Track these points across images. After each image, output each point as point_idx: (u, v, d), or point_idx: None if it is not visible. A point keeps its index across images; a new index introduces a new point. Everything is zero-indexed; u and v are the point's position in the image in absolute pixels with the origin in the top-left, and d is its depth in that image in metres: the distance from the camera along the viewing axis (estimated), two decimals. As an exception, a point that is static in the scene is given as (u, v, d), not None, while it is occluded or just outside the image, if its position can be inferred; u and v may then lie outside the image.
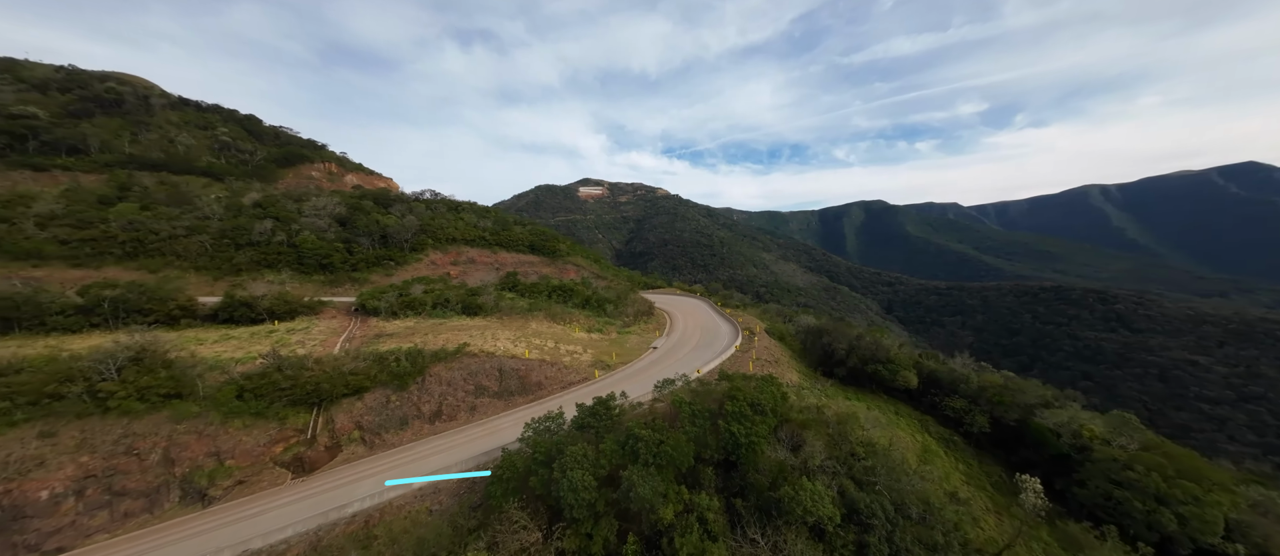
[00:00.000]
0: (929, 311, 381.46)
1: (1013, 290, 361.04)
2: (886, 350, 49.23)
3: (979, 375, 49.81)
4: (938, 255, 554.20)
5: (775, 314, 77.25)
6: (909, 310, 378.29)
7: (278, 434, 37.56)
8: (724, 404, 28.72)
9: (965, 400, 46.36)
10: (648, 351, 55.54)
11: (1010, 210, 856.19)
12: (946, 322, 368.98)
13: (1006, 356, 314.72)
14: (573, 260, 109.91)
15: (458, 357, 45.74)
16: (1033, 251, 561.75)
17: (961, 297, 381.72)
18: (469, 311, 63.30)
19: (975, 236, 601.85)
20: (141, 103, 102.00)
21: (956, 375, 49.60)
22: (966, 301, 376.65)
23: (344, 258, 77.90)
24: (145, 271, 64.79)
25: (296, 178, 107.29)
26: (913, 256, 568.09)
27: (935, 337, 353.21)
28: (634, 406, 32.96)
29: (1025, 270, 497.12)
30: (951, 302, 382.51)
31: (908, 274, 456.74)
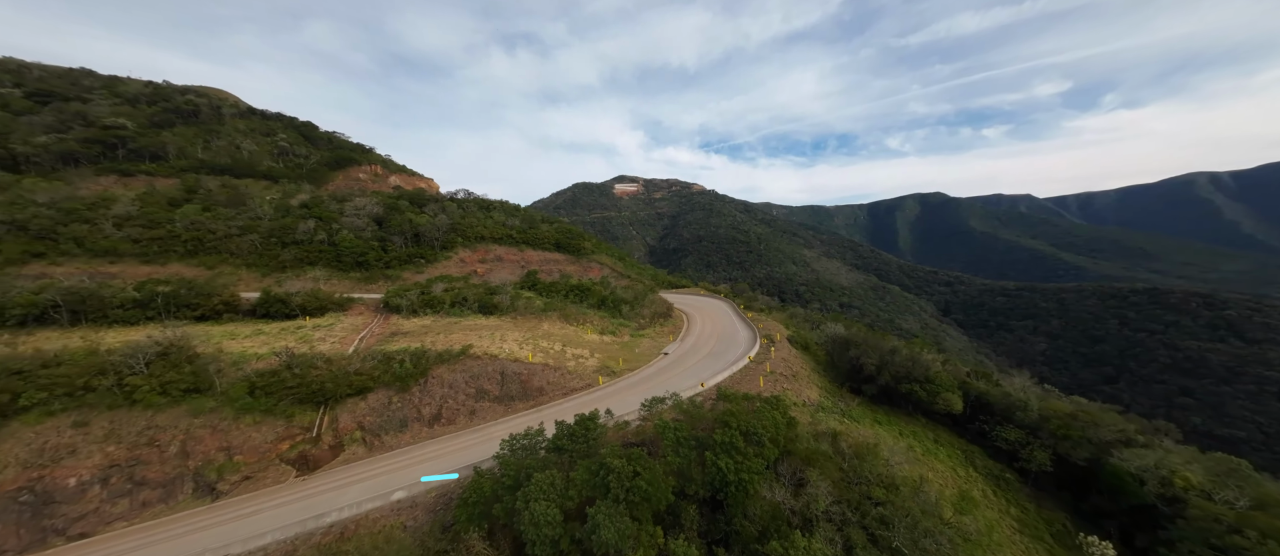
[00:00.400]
0: (994, 315, 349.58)
1: (1097, 292, 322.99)
2: (925, 367, 43.07)
3: (1041, 401, 42.40)
4: (1006, 252, 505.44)
5: (802, 319, 71.52)
6: (970, 313, 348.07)
7: (285, 431, 38.39)
8: (714, 431, 25.39)
9: (1022, 431, 39.37)
10: (658, 357, 52.59)
11: (1096, 202, 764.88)
12: (1015, 327, 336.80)
13: (1087, 366, 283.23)
14: (597, 258, 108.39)
15: (461, 360, 45.07)
16: (1122, 248, 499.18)
17: (1034, 300, 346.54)
18: (485, 310, 63.08)
19: (1052, 231, 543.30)
20: (214, 113, 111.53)
21: (1012, 400, 42.44)
22: (1039, 304, 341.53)
23: (378, 255, 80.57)
24: (204, 267, 69.87)
25: (345, 179, 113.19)
26: (976, 254, 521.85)
27: (1001, 344, 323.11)
28: (621, 425, 30.27)
29: (1113, 270, 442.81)
30: (1021, 305, 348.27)
31: (969, 273, 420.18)
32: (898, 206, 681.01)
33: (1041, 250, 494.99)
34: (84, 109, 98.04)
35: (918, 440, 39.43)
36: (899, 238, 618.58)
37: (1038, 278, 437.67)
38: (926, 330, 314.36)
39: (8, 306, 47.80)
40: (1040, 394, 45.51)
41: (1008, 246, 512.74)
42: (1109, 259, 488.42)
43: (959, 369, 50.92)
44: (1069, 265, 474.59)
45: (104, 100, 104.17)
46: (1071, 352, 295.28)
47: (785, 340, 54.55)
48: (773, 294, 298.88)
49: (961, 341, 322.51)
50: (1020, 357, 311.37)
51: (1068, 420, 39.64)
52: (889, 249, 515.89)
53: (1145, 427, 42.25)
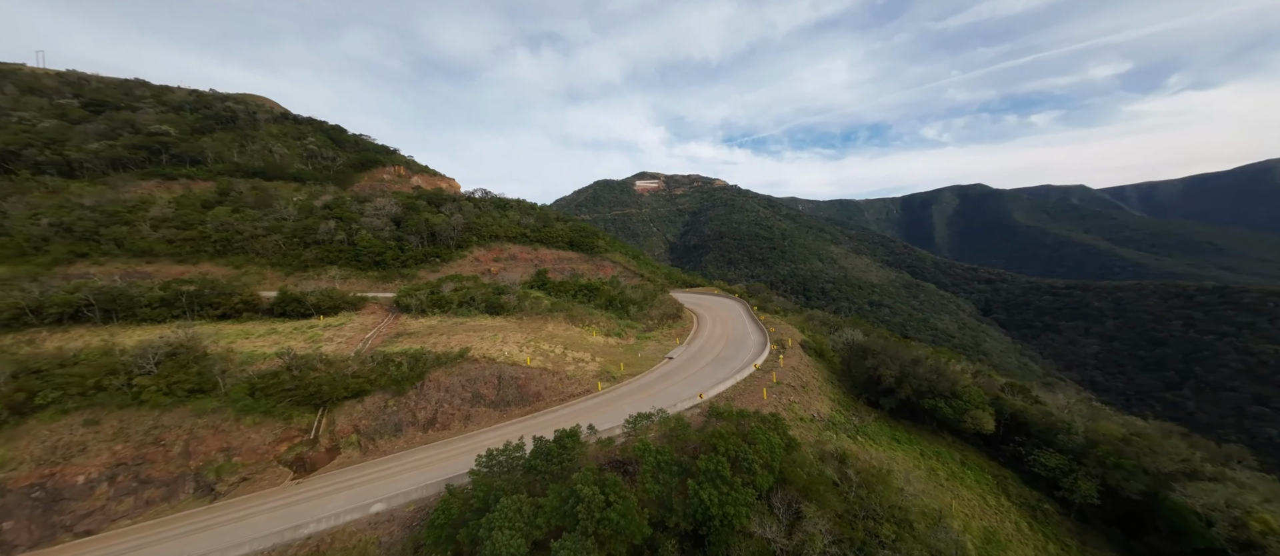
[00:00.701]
0: (1040, 314, 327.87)
1: (1158, 291, 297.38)
2: (951, 381, 38.76)
3: (1088, 422, 37.19)
4: (1055, 248, 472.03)
5: (819, 323, 67.22)
6: (1014, 312, 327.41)
7: (283, 433, 38.46)
8: (697, 456, 22.97)
9: (1065, 457, 34.55)
10: (661, 362, 50.27)
11: (1159, 192, 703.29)
12: (1063, 328, 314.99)
13: (1145, 371, 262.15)
14: (610, 256, 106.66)
15: (458, 363, 44.18)
16: (1189, 243, 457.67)
17: (1085, 299, 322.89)
18: (492, 310, 62.38)
19: (1108, 225, 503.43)
20: (250, 119, 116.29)
21: (1053, 420, 37.46)
22: (1092, 303, 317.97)
23: (395, 255, 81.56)
24: (232, 267, 72.42)
25: (371, 180, 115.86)
26: (1021, 249, 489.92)
27: (1048, 346, 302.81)
28: (605, 442, 28.22)
29: (1177, 266, 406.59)
30: (1071, 304, 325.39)
31: (1013, 270, 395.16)
32: (934, 200, 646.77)
33: (1095, 245, 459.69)
34: (133, 117, 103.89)
35: (942, 462, 35.56)
36: (935, 233, 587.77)
37: (1090, 275, 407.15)
38: (964, 330, 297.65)
39: (46, 305, 50.37)
40: (1087, 412, 40.16)
41: (1057, 241, 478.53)
42: (1173, 254, 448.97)
43: (992, 382, 45.94)
44: (1127, 261, 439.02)
45: (151, 108, 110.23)
46: (1128, 356, 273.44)
47: (798, 346, 51.03)
48: (797, 292, 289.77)
49: (1003, 342, 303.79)
50: (1069, 360, 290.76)
51: (1120, 445, 34.64)
52: (924, 244, 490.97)
53: (1214, 455, 36.58)
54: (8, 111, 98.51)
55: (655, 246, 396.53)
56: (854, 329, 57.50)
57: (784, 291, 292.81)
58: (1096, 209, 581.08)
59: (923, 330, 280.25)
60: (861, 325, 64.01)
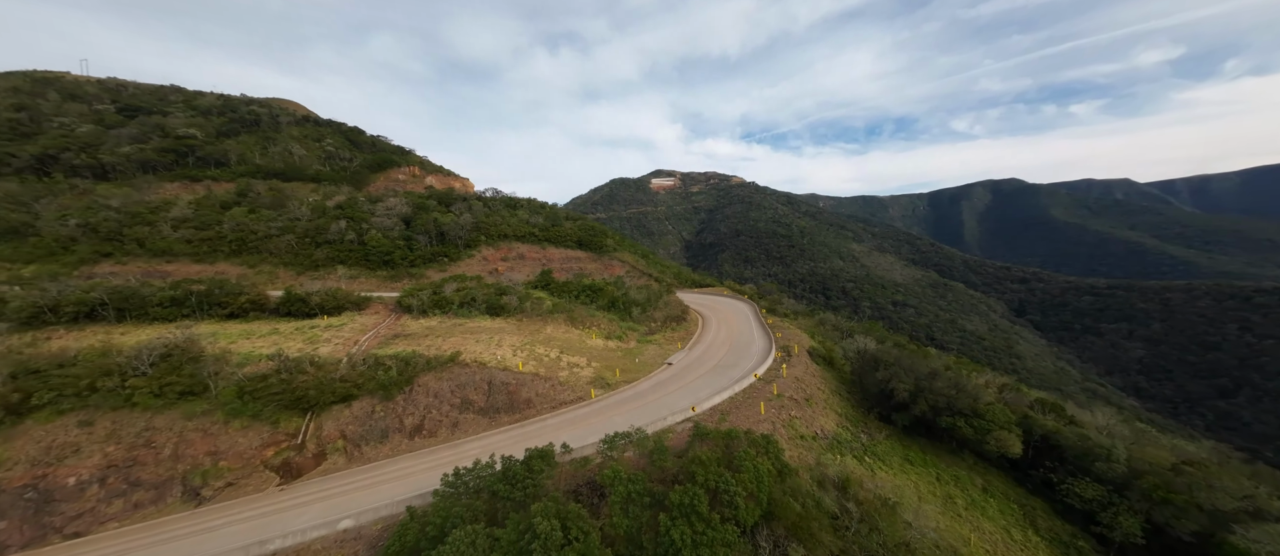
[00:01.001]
0: (1079, 316, 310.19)
1: (1212, 292, 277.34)
2: (973, 397, 34.83)
3: (1130, 447, 32.59)
4: (1096, 246, 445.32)
5: (831, 327, 63.16)
6: (1050, 314, 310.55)
7: (271, 437, 37.89)
8: (671, 488, 20.56)
9: (1104, 487, 30.32)
10: (660, 367, 47.86)
11: (1213, 186, 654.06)
12: (1105, 331, 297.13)
13: (1196, 377, 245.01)
14: (618, 256, 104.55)
15: (449, 368, 42.88)
16: (1246, 240, 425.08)
17: (1130, 299, 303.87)
18: (493, 312, 61.15)
19: (1155, 221, 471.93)
20: (272, 121, 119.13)
21: (1091, 445, 32.94)
22: (1137, 304, 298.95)
23: (404, 254, 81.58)
24: (246, 266, 73.65)
25: (386, 180, 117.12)
26: (1059, 247, 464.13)
27: (1087, 349, 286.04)
28: (580, 462, 26.05)
29: (1233, 265, 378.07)
30: (1114, 305, 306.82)
31: (1050, 269, 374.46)
32: (964, 195, 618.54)
33: (1141, 242, 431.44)
34: (164, 121, 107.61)
35: (960, 488, 32.03)
36: (965, 230, 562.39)
37: (1135, 274, 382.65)
38: (995, 332, 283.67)
39: (62, 304, 51.66)
40: (1129, 436, 35.46)
41: (1098, 238, 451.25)
42: (1228, 252, 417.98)
43: (1020, 397, 41.49)
44: (1176, 260, 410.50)
45: (181, 112, 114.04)
46: (1176, 360, 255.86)
47: (805, 353, 47.74)
48: (816, 292, 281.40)
49: (1037, 345, 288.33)
50: (1110, 365, 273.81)
51: (1169, 476, 30.25)
52: (953, 242, 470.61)
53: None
54: (50, 117, 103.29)
55: (671, 244, 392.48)
56: (866, 336, 53.44)
57: (801, 291, 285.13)
58: (1143, 204, 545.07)
59: (950, 331, 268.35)
60: (876, 330, 59.70)
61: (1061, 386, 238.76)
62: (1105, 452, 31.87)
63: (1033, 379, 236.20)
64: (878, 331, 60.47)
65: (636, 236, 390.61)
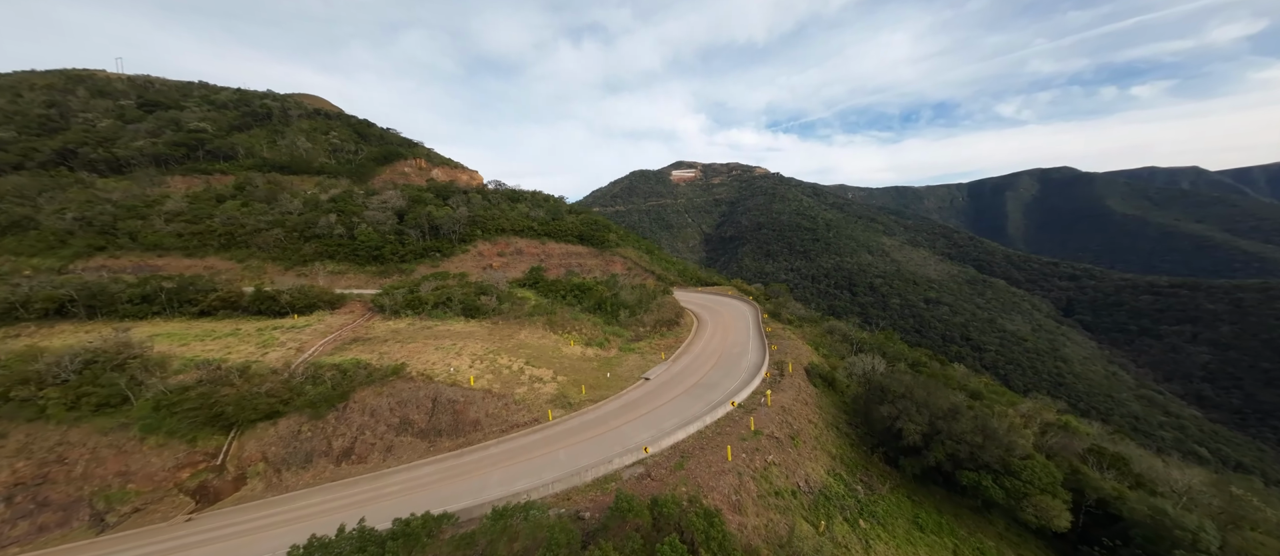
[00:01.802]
0: (1136, 316, 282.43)
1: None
2: (1002, 445, 26.15)
3: (1225, 528, 23.02)
4: (1158, 240, 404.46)
5: (840, 338, 54.32)
6: (1102, 314, 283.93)
7: (187, 457, 33.88)
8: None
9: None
10: (634, 384, 41.38)
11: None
12: (1165, 333, 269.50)
13: (1269, 385, 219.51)
14: (621, 251, 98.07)
15: (391, 381, 37.83)
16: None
17: (1196, 299, 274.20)
18: (469, 313, 56.17)
19: (1228, 213, 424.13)
20: (283, 115, 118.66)
21: (1168, 524, 23.31)
22: (1204, 305, 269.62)
23: (395, 249, 78.05)
24: (235, 261, 71.67)
25: (391, 173, 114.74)
26: (1116, 241, 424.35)
27: (1143, 352, 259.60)
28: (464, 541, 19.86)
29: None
30: (1176, 306, 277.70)
31: (1104, 265, 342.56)
32: (1008, 185, 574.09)
33: (1211, 236, 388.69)
34: (179, 116, 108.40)
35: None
36: (1009, 222, 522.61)
37: (1203, 271, 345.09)
38: (1039, 332, 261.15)
39: (32, 300, 50.02)
40: (1223, 504, 25.92)
41: (1161, 232, 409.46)
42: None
43: (1070, 441, 31.99)
44: (1250, 256, 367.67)
45: (198, 107, 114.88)
46: (1248, 368, 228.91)
47: (801, 371, 40.04)
48: (841, 288, 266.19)
49: (1087, 347, 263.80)
50: (1170, 370, 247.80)
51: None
52: (995, 235, 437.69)
53: None
54: (76, 113, 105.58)
55: (690, 238, 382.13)
56: (877, 352, 44.37)
57: (826, 287, 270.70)
58: (1214, 194, 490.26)
59: (988, 332, 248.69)
60: (891, 344, 50.15)
61: (1113, 394, 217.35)
62: (1190, 537, 22.69)
63: (1081, 384, 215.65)
64: (894, 345, 50.96)
65: (655, 230, 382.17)
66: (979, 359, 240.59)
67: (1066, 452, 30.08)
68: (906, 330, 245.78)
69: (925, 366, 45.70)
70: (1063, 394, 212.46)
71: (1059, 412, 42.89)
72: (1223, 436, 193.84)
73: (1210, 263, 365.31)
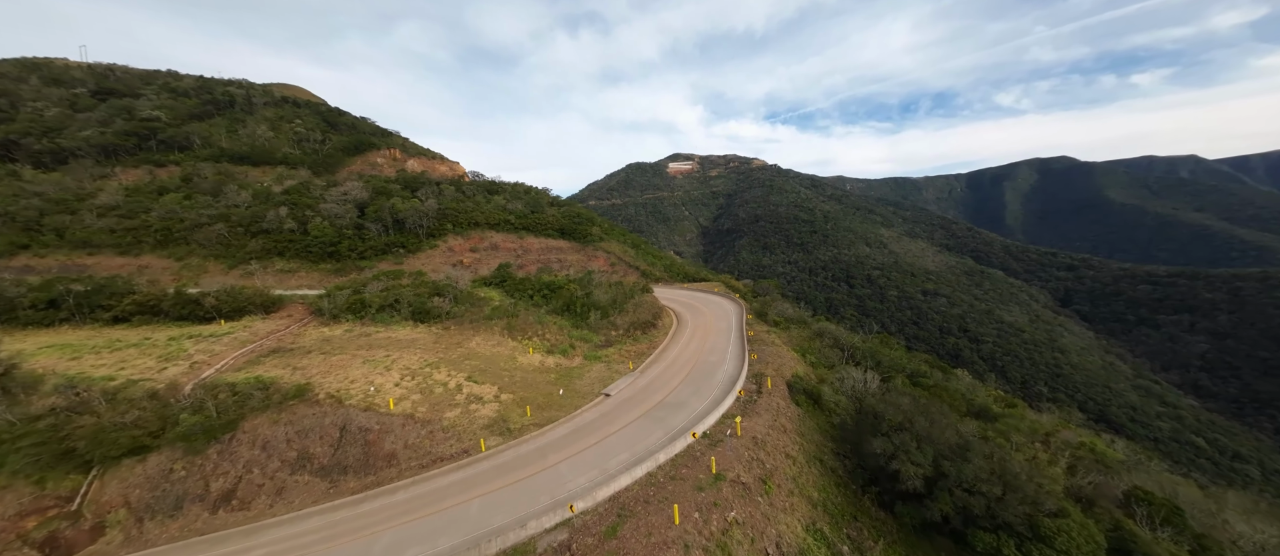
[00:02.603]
0: (1134, 306, 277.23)
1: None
2: (1026, 495, 19.40)
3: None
4: (1157, 229, 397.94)
5: (831, 343, 47.26)
6: (1100, 304, 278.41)
7: (34, 501, 27.43)
8: None
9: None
10: (591, 402, 35.00)
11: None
12: (1163, 323, 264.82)
13: (1266, 375, 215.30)
14: (605, 245, 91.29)
15: (292, 407, 31.31)
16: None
17: (1194, 289, 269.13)
18: (418, 316, 49.60)
19: (1227, 202, 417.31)
20: (246, 103, 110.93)
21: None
22: (1202, 294, 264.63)
23: (352, 245, 71.27)
24: (173, 259, 64.89)
25: (362, 164, 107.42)
26: (1114, 231, 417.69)
27: (1140, 342, 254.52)
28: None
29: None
30: (1175, 295, 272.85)
31: (1102, 255, 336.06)
32: (1007, 175, 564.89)
33: (1209, 225, 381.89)
34: (133, 104, 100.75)
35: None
36: (1007, 213, 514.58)
37: (1201, 260, 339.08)
38: (1036, 323, 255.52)
39: (-85, 308, 43.47)
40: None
41: (1160, 221, 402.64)
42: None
43: (1108, 484, 25.52)
44: (1249, 245, 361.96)
45: (156, 95, 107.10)
46: (1245, 357, 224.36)
47: (783, 386, 33.65)
48: (839, 280, 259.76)
49: (1084, 337, 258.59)
50: (1167, 360, 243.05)
51: None
52: (993, 226, 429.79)
53: None
54: (26, 102, 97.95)
55: (688, 230, 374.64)
56: (871, 364, 37.28)
57: (823, 279, 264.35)
58: (1212, 183, 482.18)
59: (986, 323, 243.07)
60: (889, 351, 42.94)
61: (1110, 384, 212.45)
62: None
63: (1078, 375, 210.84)
64: (890, 351, 44.05)
65: (652, 223, 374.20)
66: (976, 350, 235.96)
67: (1105, 499, 23.76)
68: (904, 322, 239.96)
69: (926, 377, 39.08)
70: (1060, 385, 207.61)
71: (1077, 427, 36.63)
72: (1219, 426, 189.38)
73: (1208, 251, 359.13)
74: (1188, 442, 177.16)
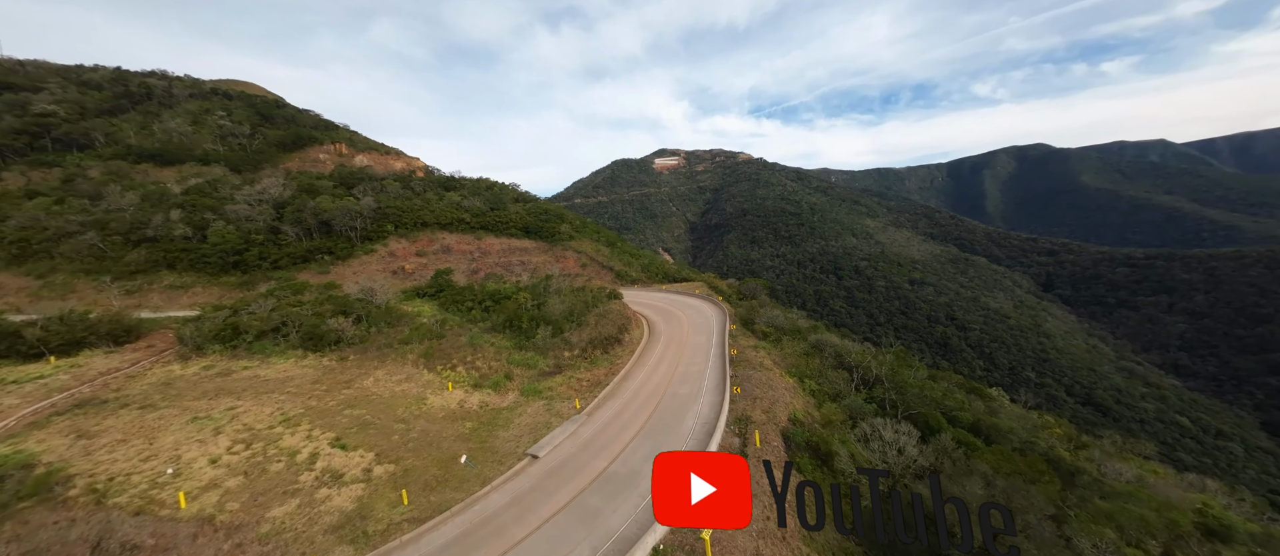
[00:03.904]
0: (1113, 289, 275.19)
1: (1264, 259, 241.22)
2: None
3: None
4: (1131, 213, 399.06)
5: (833, 361, 34.92)
6: (1081, 288, 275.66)
7: None
8: None
9: None
10: (509, 470, 23.83)
11: (1257, 144, 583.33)
12: (1142, 304, 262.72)
13: (1243, 353, 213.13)
14: (576, 244, 79.84)
15: (23, 512, 19.41)
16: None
17: (1170, 270, 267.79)
18: (312, 343, 37.71)
19: (1196, 184, 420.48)
20: (166, 95, 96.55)
21: None
22: (1178, 275, 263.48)
23: (263, 252, 58.71)
24: (32, 277, 51.71)
25: (301, 160, 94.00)
26: (1090, 215, 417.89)
27: (1121, 324, 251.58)
28: None
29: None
30: (1152, 277, 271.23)
31: (1079, 239, 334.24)
32: (986, 164, 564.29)
33: (1180, 207, 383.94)
34: (31, 99, 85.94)
35: None
36: (987, 200, 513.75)
37: (1173, 241, 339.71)
38: (1021, 309, 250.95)
39: None
40: None
41: (1132, 204, 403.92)
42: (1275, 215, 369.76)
43: None
44: (1218, 225, 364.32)
45: (61, 89, 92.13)
46: (1222, 335, 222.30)
47: (779, 437, 23.03)
48: (827, 272, 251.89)
49: (1067, 321, 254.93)
50: (1147, 341, 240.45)
51: None
52: (974, 214, 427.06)
53: None
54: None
55: (675, 226, 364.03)
56: (898, 418, 23.96)
57: (812, 272, 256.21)
58: (1181, 166, 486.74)
59: (972, 310, 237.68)
60: (910, 366, 30.60)
61: (1095, 367, 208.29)
62: None
63: (1064, 359, 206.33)
64: (913, 373, 31.16)
65: (640, 219, 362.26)
66: (964, 338, 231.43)
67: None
68: (892, 312, 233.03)
69: (962, 410, 27.73)
70: (1048, 369, 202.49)
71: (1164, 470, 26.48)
72: (1202, 404, 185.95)
73: (1180, 232, 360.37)
74: (1173, 423, 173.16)
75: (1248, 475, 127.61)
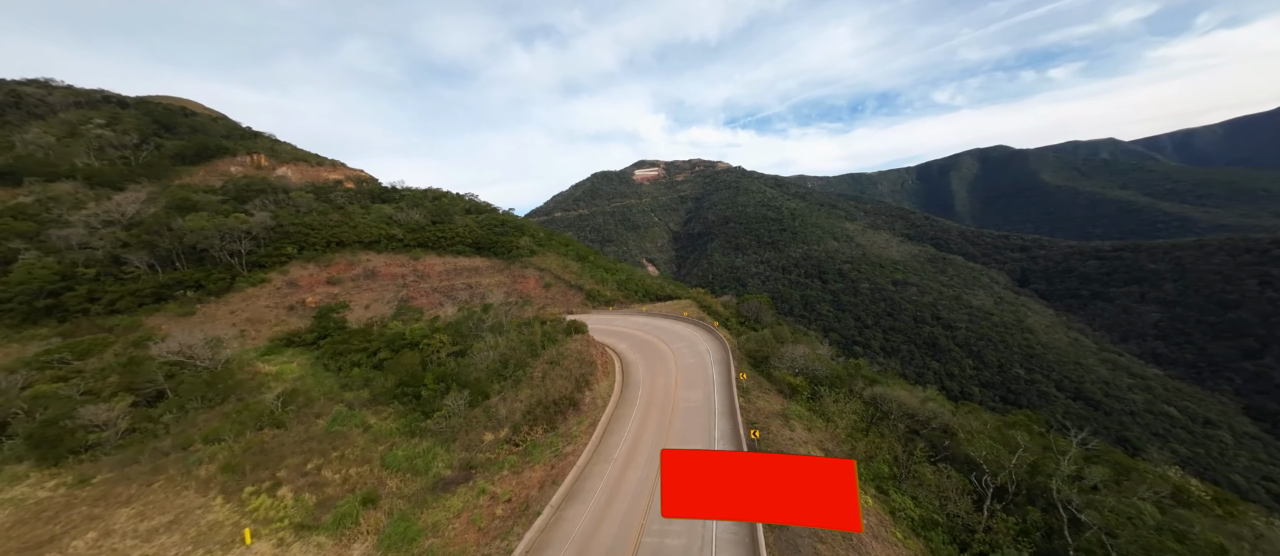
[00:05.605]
0: (1086, 282, 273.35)
1: (1225, 246, 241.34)
2: None
3: None
4: (1090, 207, 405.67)
5: (903, 427, 19.72)
6: (1055, 281, 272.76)
7: None
8: None
9: None
10: None
11: (1197, 139, 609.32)
12: (1115, 295, 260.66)
13: (1217, 339, 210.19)
14: (537, 261, 64.46)
15: None
16: (1239, 191, 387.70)
17: (1138, 261, 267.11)
18: (45, 453, 21.13)
19: (1145, 178, 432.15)
20: (41, 104, 78.17)
21: None
22: (1147, 265, 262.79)
23: (97, 290, 41.47)
24: None
25: (209, 173, 76.37)
26: (1053, 211, 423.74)
27: (1098, 316, 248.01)
28: None
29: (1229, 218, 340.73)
30: (1122, 268, 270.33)
31: (1046, 233, 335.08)
32: (952, 166, 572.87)
33: (1134, 201, 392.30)
34: None
35: None
36: (956, 200, 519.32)
37: (1131, 233, 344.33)
38: (1002, 305, 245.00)
39: None
40: None
41: (1091, 199, 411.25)
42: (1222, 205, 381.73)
43: None
44: (1171, 216, 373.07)
45: (-103, 97, 72.71)
46: (1194, 322, 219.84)
47: None
48: (812, 276, 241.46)
49: (1047, 316, 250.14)
50: (1124, 331, 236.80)
51: None
52: (945, 214, 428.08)
53: None
54: None
55: (658, 236, 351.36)
56: None
57: (798, 277, 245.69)
58: (1130, 162, 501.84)
59: (956, 309, 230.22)
60: (1033, 424, 18.29)
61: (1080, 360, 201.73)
62: None
63: (1050, 354, 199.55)
64: (1031, 441, 18.25)
65: (622, 231, 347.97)
66: (951, 337, 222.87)
67: None
68: (879, 314, 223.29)
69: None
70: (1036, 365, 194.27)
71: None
72: (1186, 393, 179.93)
73: (1137, 224, 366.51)
74: (1162, 413, 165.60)
75: (1240, 463, 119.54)
